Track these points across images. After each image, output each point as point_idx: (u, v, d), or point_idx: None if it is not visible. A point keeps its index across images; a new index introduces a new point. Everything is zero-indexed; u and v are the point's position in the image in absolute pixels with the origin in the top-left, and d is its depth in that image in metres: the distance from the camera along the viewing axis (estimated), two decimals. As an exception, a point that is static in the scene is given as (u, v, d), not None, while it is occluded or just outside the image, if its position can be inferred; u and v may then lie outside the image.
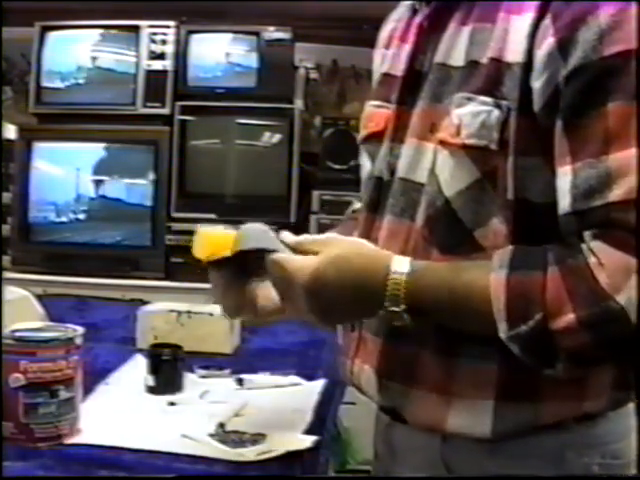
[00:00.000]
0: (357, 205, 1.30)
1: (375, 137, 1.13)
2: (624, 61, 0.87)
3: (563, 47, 0.89)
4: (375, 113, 1.14)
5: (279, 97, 3.31)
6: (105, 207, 3.31)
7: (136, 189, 3.31)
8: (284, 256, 0.99)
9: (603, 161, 0.87)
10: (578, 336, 0.86)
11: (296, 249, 1.00)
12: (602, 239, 0.87)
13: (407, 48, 1.11)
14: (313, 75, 3.62)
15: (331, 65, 3.79)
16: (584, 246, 0.88)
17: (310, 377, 1.53)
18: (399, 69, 1.11)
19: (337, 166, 3.23)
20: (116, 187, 3.30)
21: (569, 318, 0.86)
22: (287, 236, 1.03)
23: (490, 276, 0.91)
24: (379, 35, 1.24)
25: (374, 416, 1.20)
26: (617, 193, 0.86)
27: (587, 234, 0.89)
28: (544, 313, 0.87)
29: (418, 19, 1.10)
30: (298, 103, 3.39)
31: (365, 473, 2.85)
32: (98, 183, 3.31)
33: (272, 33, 3.34)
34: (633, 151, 0.85)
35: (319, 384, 1.49)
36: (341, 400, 1.53)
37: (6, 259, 3.22)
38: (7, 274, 2.91)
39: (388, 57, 1.16)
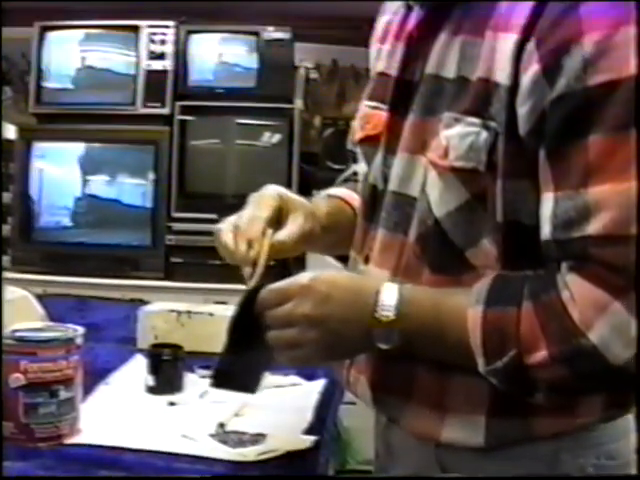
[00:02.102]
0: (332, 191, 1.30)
1: (371, 140, 1.12)
2: (608, 92, 0.84)
3: (548, 74, 0.87)
4: (372, 115, 1.13)
5: (279, 97, 3.31)
6: (105, 207, 3.31)
7: (136, 189, 3.31)
8: (278, 284, 0.99)
9: (582, 194, 0.86)
10: (553, 370, 0.87)
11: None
12: (577, 272, 0.87)
13: (399, 53, 1.09)
14: (313, 75, 3.63)
15: (331, 65, 3.79)
16: (559, 277, 0.89)
17: (310, 377, 1.53)
18: (394, 69, 1.09)
19: (337, 166, 3.23)
20: (116, 187, 3.31)
21: (542, 354, 0.87)
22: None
23: (468, 311, 0.92)
24: (376, 24, 1.21)
25: (374, 416, 1.20)
26: (595, 227, 0.85)
27: (564, 265, 0.89)
28: (518, 349, 0.88)
29: (409, 27, 1.08)
30: (298, 103, 3.39)
31: (365, 473, 2.85)
32: (97, 183, 3.32)
33: (272, 33, 3.34)
34: (613, 186, 0.84)
35: (319, 384, 1.49)
36: (341, 400, 1.53)
37: (6, 259, 3.23)
38: (7, 274, 2.91)
39: (383, 54, 1.14)
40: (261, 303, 0.99)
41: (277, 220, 1.13)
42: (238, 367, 1.05)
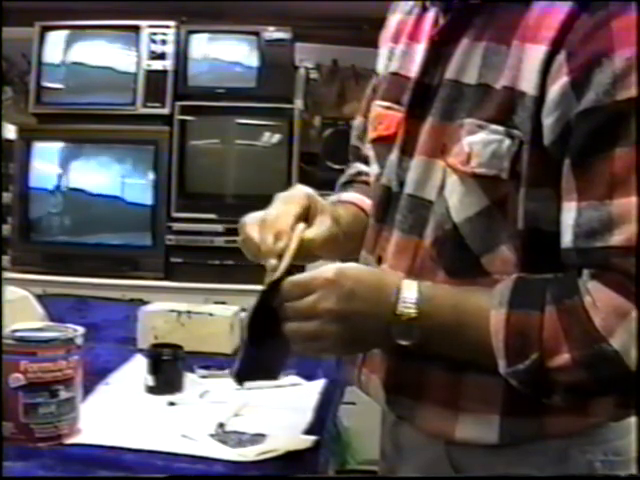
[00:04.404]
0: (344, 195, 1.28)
1: (384, 140, 1.12)
2: (636, 106, 0.86)
3: (577, 87, 0.88)
4: (385, 115, 1.13)
5: (279, 97, 3.31)
6: (105, 207, 3.31)
7: (136, 189, 3.31)
8: (301, 275, 0.99)
9: (607, 205, 0.87)
10: (573, 373, 0.89)
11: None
12: (599, 279, 0.89)
13: (417, 55, 1.08)
14: (313, 75, 3.62)
15: (331, 65, 3.79)
16: (581, 283, 0.90)
17: (310, 377, 1.53)
18: (409, 70, 1.09)
19: (337, 166, 3.22)
20: (116, 187, 3.31)
21: (564, 358, 0.88)
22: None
23: (490, 313, 0.93)
24: (387, 23, 1.21)
25: (374, 416, 1.20)
26: (618, 239, 0.87)
27: (586, 272, 0.90)
28: (540, 352, 0.89)
29: (428, 29, 1.07)
30: (298, 103, 3.39)
31: (365, 473, 2.85)
32: (97, 183, 3.31)
33: (272, 33, 3.33)
34: (637, 198, 0.86)
35: (319, 384, 1.49)
36: (341, 400, 1.54)
37: (6, 259, 3.22)
38: (7, 274, 2.91)
39: (396, 54, 1.14)
40: (283, 295, 0.98)
41: (305, 219, 1.11)
42: (259, 359, 1.04)
